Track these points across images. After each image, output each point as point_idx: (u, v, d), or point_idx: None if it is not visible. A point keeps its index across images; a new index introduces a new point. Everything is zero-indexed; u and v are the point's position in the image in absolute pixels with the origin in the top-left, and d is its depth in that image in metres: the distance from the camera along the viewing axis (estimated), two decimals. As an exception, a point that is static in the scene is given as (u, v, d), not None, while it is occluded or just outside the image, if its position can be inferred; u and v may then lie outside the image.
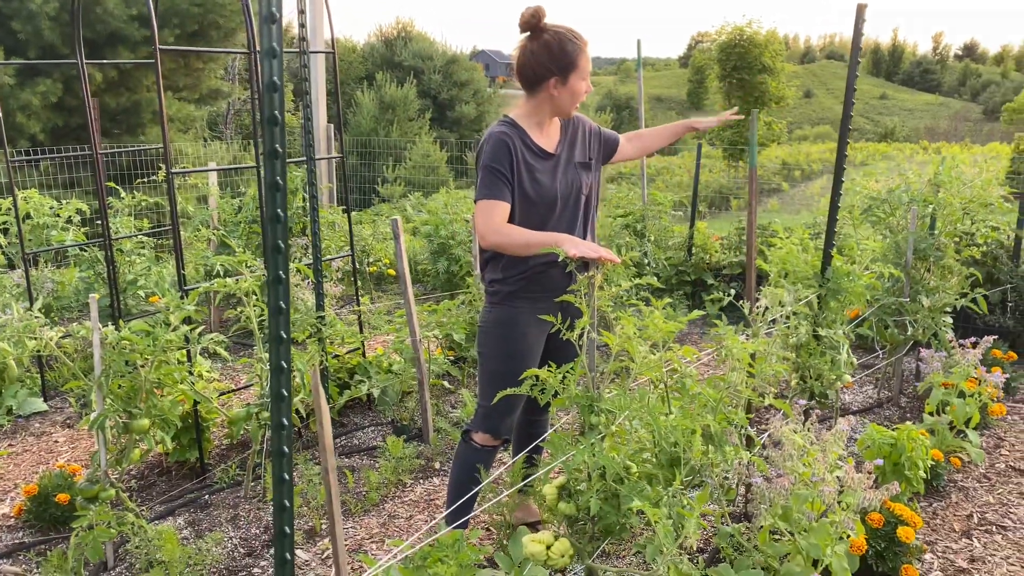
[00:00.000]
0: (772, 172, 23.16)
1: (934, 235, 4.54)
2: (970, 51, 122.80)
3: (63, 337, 2.98)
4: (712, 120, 3.21)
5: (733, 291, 3.20)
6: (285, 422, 1.49)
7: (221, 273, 4.68)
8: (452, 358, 4.72)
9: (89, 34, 12.04)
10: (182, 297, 3.34)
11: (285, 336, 1.45)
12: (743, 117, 3.35)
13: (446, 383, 4.71)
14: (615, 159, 3.11)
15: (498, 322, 2.85)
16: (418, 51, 34.95)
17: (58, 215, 5.58)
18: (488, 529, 3.27)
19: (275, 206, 1.38)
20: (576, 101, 2.81)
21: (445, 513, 2.91)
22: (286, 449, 1.50)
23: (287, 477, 1.51)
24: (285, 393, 1.48)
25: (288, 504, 1.52)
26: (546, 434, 3.14)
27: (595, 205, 2.98)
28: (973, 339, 3.89)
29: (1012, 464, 3.89)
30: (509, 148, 2.71)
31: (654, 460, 2.60)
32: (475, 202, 2.73)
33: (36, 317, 3.01)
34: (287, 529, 1.53)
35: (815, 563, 2.50)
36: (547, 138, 2.86)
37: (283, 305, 1.43)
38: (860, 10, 3.25)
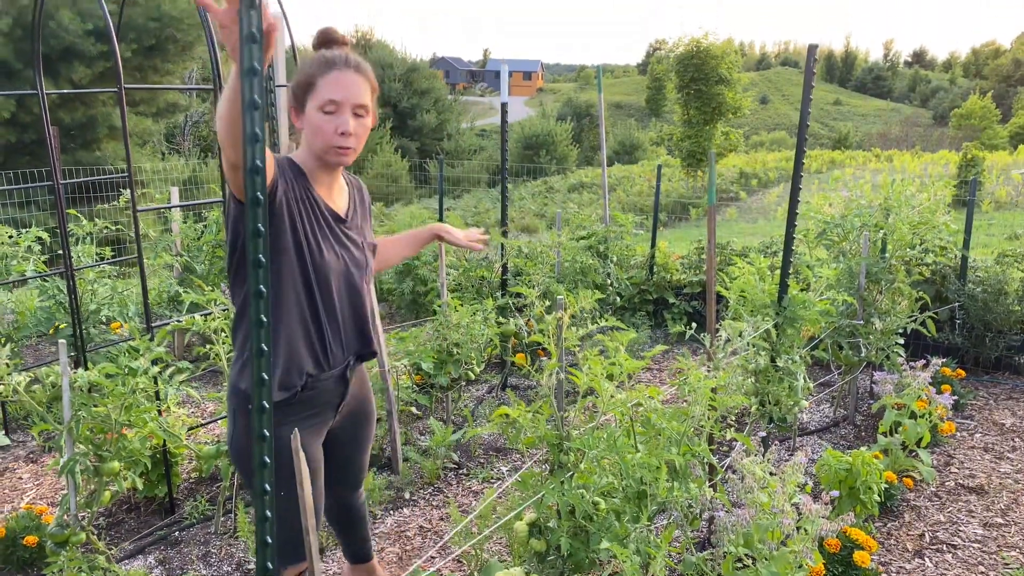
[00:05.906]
0: (730, 181, 23.56)
1: (885, 259, 4.71)
2: (919, 57, 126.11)
3: (32, 383, 2.98)
4: (459, 239, 2.71)
5: (695, 325, 3.31)
6: (266, 405, 1.41)
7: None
8: (419, 384, 4.76)
9: (43, 48, 11.86)
10: (151, 338, 3.34)
11: (266, 319, 1.37)
12: (486, 246, 2.86)
13: (414, 409, 4.75)
14: None
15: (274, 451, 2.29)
16: (378, 59, 34.99)
17: (17, 244, 5.51)
18: (459, 561, 3.32)
19: (256, 221, 1.36)
20: (320, 140, 2.05)
21: None
22: (266, 432, 1.41)
23: (268, 460, 1.41)
24: (266, 377, 1.39)
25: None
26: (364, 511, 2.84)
27: (370, 293, 2.47)
28: (924, 359, 4.05)
29: (961, 482, 4.06)
30: (288, 178, 2.06)
31: (622, 494, 2.68)
32: None
33: (6, 363, 3.01)
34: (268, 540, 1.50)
35: (776, 592, 2.60)
36: (334, 200, 2.23)
37: (263, 289, 1.37)
38: (811, 50, 3.40)
